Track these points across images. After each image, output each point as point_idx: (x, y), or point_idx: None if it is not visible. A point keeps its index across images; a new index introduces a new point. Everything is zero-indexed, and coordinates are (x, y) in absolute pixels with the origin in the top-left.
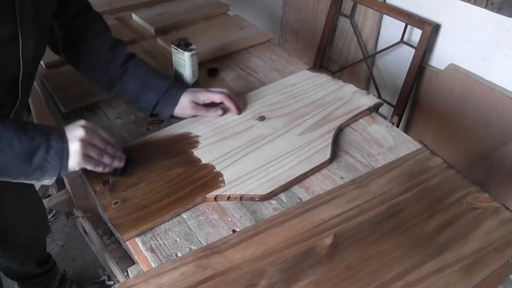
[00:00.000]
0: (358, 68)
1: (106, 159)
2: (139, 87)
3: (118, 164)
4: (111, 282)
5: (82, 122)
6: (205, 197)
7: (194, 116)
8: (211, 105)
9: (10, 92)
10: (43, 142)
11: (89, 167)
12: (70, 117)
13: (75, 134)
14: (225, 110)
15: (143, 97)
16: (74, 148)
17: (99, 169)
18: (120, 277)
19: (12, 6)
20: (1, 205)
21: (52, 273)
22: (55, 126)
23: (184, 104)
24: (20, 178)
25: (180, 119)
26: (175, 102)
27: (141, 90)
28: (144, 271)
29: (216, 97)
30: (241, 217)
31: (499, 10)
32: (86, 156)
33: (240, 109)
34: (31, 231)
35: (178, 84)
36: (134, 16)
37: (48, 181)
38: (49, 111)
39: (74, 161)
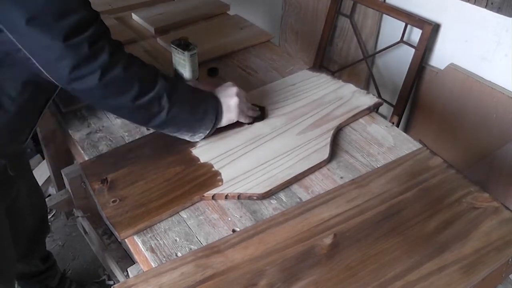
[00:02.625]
0: (358, 68)
1: (250, 112)
2: None
3: (255, 114)
4: (111, 282)
5: (230, 83)
6: (203, 196)
7: None
8: None
9: (36, 116)
10: (203, 97)
11: (242, 119)
12: (70, 117)
13: (232, 92)
14: None
15: None
16: (234, 102)
17: (246, 120)
18: (120, 276)
19: None
20: (17, 198)
21: (52, 272)
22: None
23: None
24: (183, 129)
25: None
26: None
27: None
28: (144, 271)
29: (209, 88)
30: (241, 217)
31: (499, 10)
32: (241, 109)
33: None
34: (36, 225)
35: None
36: (134, 16)
37: (200, 136)
38: (49, 111)
39: (233, 113)
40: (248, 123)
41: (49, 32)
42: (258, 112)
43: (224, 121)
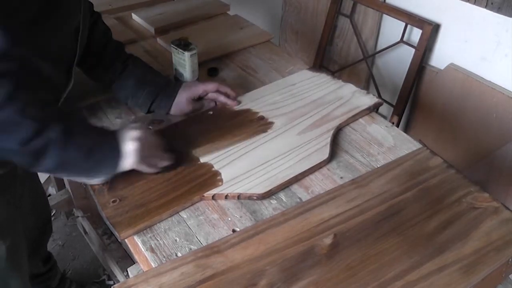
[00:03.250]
0: (358, 68)
1: (155, 161)
2: (137, 83)
3: (164, 164)
4: (111, 282)
5: (135, 125)
6: (203, 196)
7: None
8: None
9: (66, 76)
10: (101, 141)
11: (142, 167)
12: None
13: (133, 135)
14: (216, 102)
15: (141, 93)
16: (133, 147)
17: (151, 170)
18: (120, 276)
19: (79, 11)
20: (20, 199)
21: (52, 273)
22: (109, 131)
23: (181, 102)
24: (77, 174)
25: (179, 117)
26: (172, 98)
27: (139, 85)
28: (144, 271)
29: (210, 86)
30: (241, 217)
31: (499, 10)
32: (142, 156)
33: (235, 98)
34: (39, 226)
35: (174, 82)
36: (134, 16)
37: (98, 180)
38: None
39: (131, 160)
40: (155, 173)
41: None
42: (169, 160)
43: (123, 167)
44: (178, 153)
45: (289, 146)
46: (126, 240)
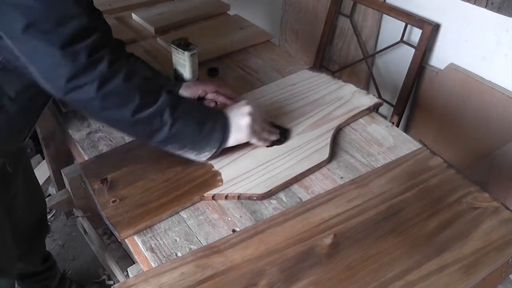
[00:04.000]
0: (358, 68)
1: (265, 134)
2: None
3: (273, 138)
4: (111, 282)
5: (246, 100)
6: (203, 196)
7: None
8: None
9: (35, 116)
10: (211, 115)
11: (254, 140)
12: (70, 117)
13: (245, 110)
14: (216, 102)
15: None
16: (245, 122)
17: (260, 143)
18: (120, 276)
19: None
20: (15, 196)
21: (52, 272)
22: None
23: None
24: (187, 146)
25: None
26: None
27: None
28: (144, 270)
29: (209, 87)
30: (241, 216)
31: (499, 10)
32: (253, 130)
33: (235, 98)
34: (34, 224)
35: (174, 82)
36: (134, 16)
37: (206, 155)
38: (49, 110)
39: (244, 134)
40: (266, 146)
41: (46, 38)
42: (277, 135)
43: (232, 141)
44: (283, 129)
45: (289, 146)
46: (126, 240)
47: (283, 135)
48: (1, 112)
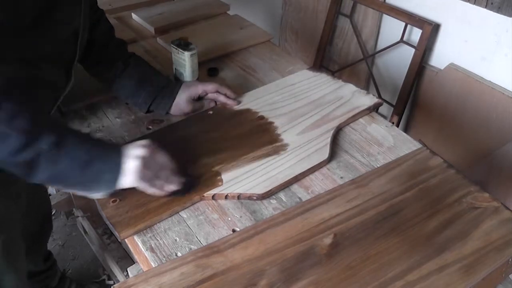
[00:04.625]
0: (358, 68)
1: (159, 182)
2: (138, 82)
3: (171, 189)
4: (111, 282)
5: (144, 141)
6: (203, 196)
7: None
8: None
9: (65, 75)
10: (101, 154)
11: (142, 186)
12: (70, 117)
13: (135, 153)
14: (216, 102)
15: (141, 92)
16: (133, 166)
17: (151, 191)
18: (120, 276)
19: (79, 3)
20: (19, 195)
21: (52, 272)
22: (112, 144)
23: (180, 102)
24: (74, 186)
25: (179, 117)
26: (172, 99)
27: (140, 85)
28: (144, 270)
29: (209, 87)
30: (241, 216)
31: (499, 9)
32: (141, 176)
33: (235, 98)
34: (39, 224)
35: (174, 82)
36: (134, 16)
37: (98, 195)
38: None
39: (130, 179)
40: (165, 195)
41: None
42: (176, 185)
43: (121, 184)
44: (190, 178)
45: (289, 146)
46: (126, 240)
47: (188, 185)
48: None
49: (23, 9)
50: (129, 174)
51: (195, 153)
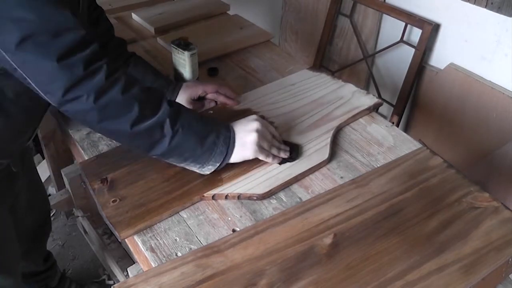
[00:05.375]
0: (358, 68)
1: (275, 151)
2: None
3: (284, 155)
4: (111, 282)
5: (255, 116)
6: (203, 196)
7: None
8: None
9: (38, 117)
10: (215, 128)
11: (261, 157)
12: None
13: (251, 127)
14: (216, 102)
15: None
16: (251, 138)
17: (269, 160)
18: (120, 276)
19: (78, 7)
20: (19, 195)
21: (52, 272)
22: (222, 122)
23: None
24: (189, 160)
25: None
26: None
27: None
28: (144, 270)
29: (209, 87)
30: (241, 216)
31: (499, 9)
32: (260, 147)
33: (235, 98)
34: (38, 224)
35: (175, 82)
36: (134, 16)
37: (210, 169)
38: (49, 111)
39: (250, 151)
40: (277, 163)
41: (42, 51)
42: (287, 152)
43: (236, 157)
44: (294, 145)
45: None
46: (126, 240)
47: (295, 152)
48: (3, 114)
49: None
50: (249, 147)
51: None
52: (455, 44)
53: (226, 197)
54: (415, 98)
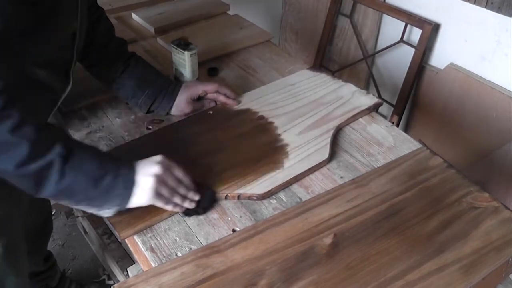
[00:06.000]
0: (358, 68)
1: (177, 199)
2: (138, 83)
3: (188, 205)
4: (111, 282)
5: (158, 158)
6: None
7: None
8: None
9: (63, 79)
10: (113, 168)
11: (159, 204)
12: (70, 117)
13: (150, 170)
14: (216, 102)
15: (141, 93)
16: (147, 184)
17: (169, 208)
18: (120, 276)
19: (76, 7)
20: (20, 196)
21: (52, 272)
22: (125, 160)
23: (181, 103)
24: (82, 202)
25: (179, 117)
26: (173, 99)
27: (140, 86)
28: (144, 270)
29: (209, 87)
30: (241, 216)
31: (499, 9)
32: (157, 194)
33: (235, 98)
34: (39, 225)
35: (175, 82)
36: (134, 16)
37: (108, 212)
38: None
39: (145, 197)
40: (182, 213)
41: None
42: (192, 202)
43: (134, 203)
44: (208, 192)
45: (289, 146)
46: (126, 240)
47: (206, 200)
48: None
49: (23, 16)
50: (145, 192)
51: (195, 153)
52: (455, 44)
53: (226, 197)
54: (415, 98)
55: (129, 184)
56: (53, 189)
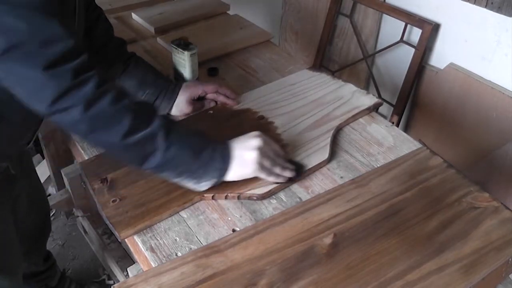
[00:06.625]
0: (358, 68)
1: (277, 170)
2: (138, 83)
3: (288, 174)
4: (111, 282)
5: (257, 133)
6: (203, 196)
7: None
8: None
9: (38, 121)
10: (210, 143)
11: (262, 175)
12: None
13: (252, 144)
14: (216, 102)
15: (141, 93)
16: (252, 156)
17: (271, 179)
18: (120, 276)
19: (73, 8)
20: (19, 197)
21: (51, 272)
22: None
23: (181, 103)
24: (183, 174)
25: (179, 116)
26: (173, 99)
27: (140, 86)
28: (144, 270)
29: (209, 87)
30: (241, 216)
31: (499, 9)
32: (261, 165)
33: (235, 98)
34: (38, 225)
35: (175, 83)
36: (134, 16)
37: (205, 185)
38: None
39: (250, 169)
40: (280, 182)
41: (29, 61)
42: (291, 171)
43: (235, 175)
44: (298, 165)
45: (289, 146)
46: (126, 240)
47: (298, 171)
48: (3, 120)
49: None
50: (249, 165)
51: None
52: (455, 44)
53: (226, 197)
54: (415, 98)
55: (226, 158)
56: (159, 159)
